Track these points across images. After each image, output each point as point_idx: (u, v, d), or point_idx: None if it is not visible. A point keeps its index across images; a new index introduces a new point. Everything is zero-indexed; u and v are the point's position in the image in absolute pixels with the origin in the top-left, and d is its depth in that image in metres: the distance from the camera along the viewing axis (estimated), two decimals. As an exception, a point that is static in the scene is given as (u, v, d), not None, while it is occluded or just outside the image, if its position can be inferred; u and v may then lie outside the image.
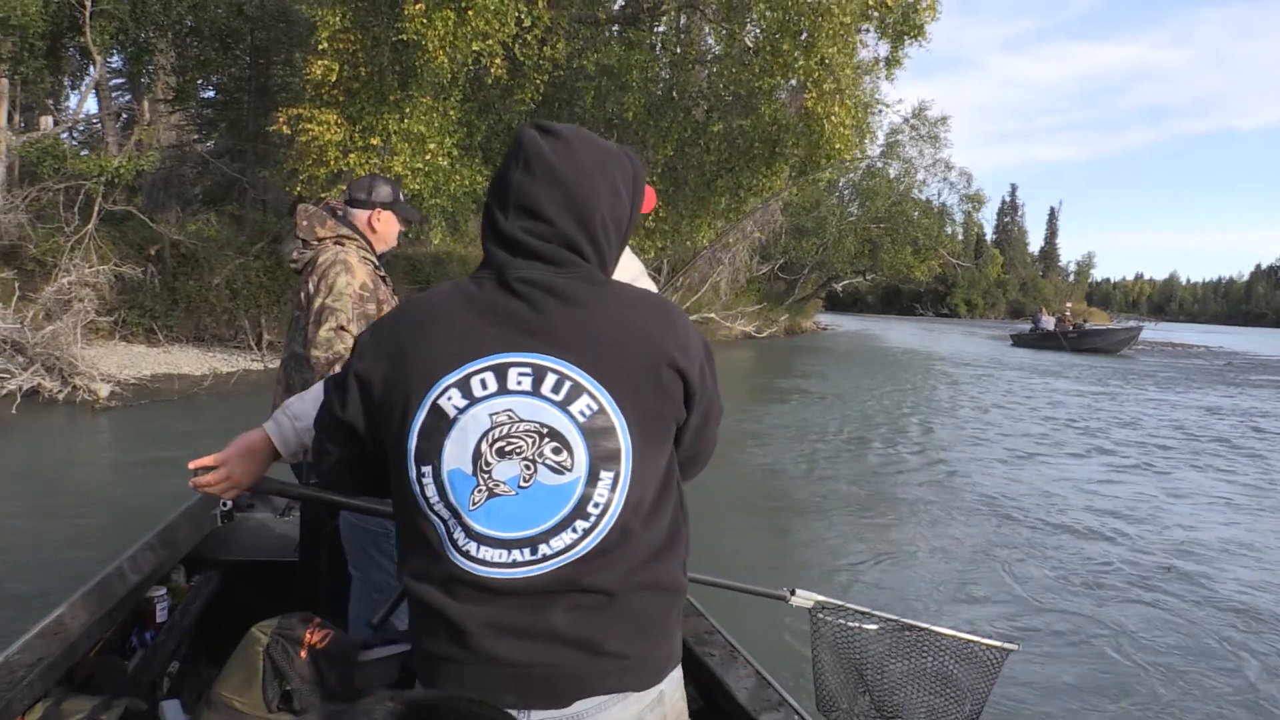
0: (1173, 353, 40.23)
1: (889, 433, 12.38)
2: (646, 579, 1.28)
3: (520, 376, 1.24)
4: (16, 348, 10.82)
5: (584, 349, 1.25)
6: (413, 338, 1.30)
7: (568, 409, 1.23)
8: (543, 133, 1.33)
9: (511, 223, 1.31)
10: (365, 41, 14.03)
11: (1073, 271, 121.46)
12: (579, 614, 1.25)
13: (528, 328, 1.26)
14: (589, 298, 1.28)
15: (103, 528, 6.05)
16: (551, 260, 1.30)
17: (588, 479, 1.24)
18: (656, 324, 1.30)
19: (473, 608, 1.25)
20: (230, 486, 1.70)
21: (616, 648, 1.26)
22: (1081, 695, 4.32)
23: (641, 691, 1.30)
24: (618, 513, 1.25)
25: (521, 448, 1.24)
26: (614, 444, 1.24)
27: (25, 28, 13.55)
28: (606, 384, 1.24)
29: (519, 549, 1.24)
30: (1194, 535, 7.39)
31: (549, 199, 1.30)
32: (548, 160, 1.30)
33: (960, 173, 43.62)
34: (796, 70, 13.92)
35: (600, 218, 1.33)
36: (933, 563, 6.31)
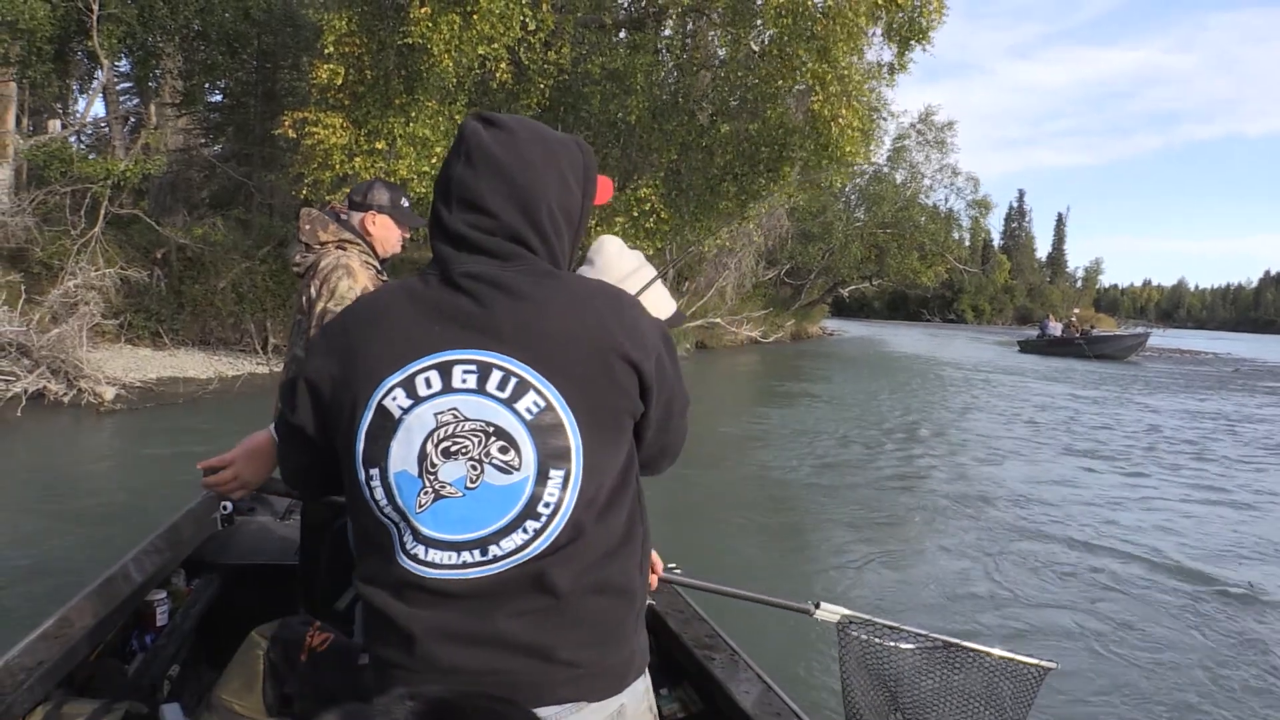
0: (1180, 359, 40.13)
1: (898, 439, 12.33)
2: (599, 579, 1.25)
3: (465, 374, 1.21)
4: (22, 350, 10.83)
5: (530, 344, 1.21)
6: (359, 337, 1.26)
7: (514, 406, 1.20)
8: (485, 124, 1.31)
9: (455, 217, 1.28)
10: (371, 45, 14.07)
11: (1080, 277, 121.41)
12: (529, 618, 1.21)
13: (472, 324, 1.22)
14: (535, 291, 1.24)
15: (105, 530, 6.04)
16: (496, 254, 1.26)
17: (537, 478, 1.20)
18: (606, 316, 1.25)
19: (421, 612, 1.22)
20: (238, 486, 1.74)
21: (569, 655, 1.22)
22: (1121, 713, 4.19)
23: (598, 702, 1.25)
24: (569, 512, 1.21)
25: (467, 448, 1.21)
26: (563, 441, 1.21)
27: (33, 31, 13.60)
28: (554, 380, 1.21)
29: (468, 550, 1.21)
30: (1219, 544, 7.31)
31: (491, 191, 1.27)
32: (489, 151, 1.28)
33: (967, 178, 43.61)
34: (805, 74, 13.91)
35: (547, 208, 1.29)
36: (951, 573, 6.21)
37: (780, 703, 1.98)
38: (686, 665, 2.26)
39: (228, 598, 2.81)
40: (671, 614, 2.45)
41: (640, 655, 1.33)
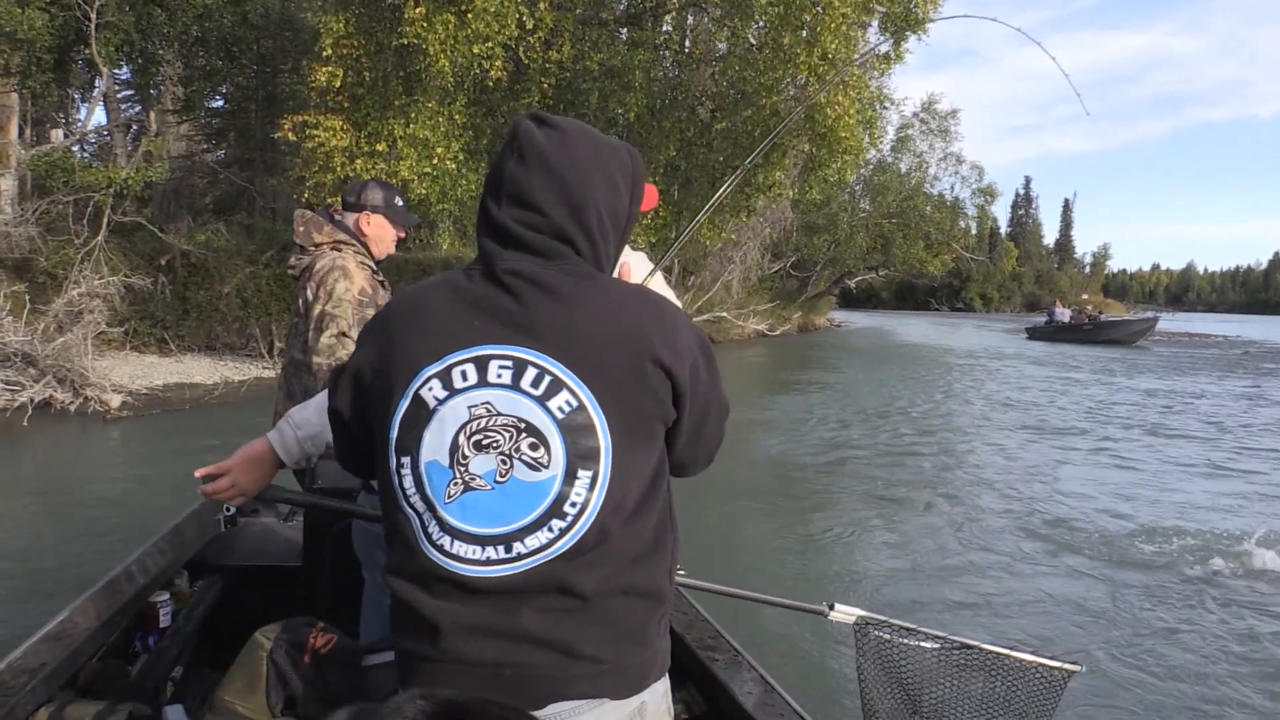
0: (1189, 343, 39.97)
1: (906, 429, 12.30)
2: (625, 584, 1.24)
3: (501, 369, 1.22)
4: (28, 360, 10.88)
5: (566, 344, 1.22)
6: (400, 328, 1.29)
7: (546, 404, 1.21)
8: (539, 123, 1.32)
9: (503, 212, 1.29)
10: (369, 47, 14.07)
11: (1088, 263, 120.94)
12: (553, 616, 1.22)
13: (511, 320, 1.23)
14: (575, 291, 1.24)
15: (111, 535, 6.09)
16: (541, 251, 1.27)
17: (565, 477, 1.21)
18: (643, 320, 1.25)
19: (446, 604, 1.24)
20: (236, 494, 1.75)
21: (592, 652, 1.23)
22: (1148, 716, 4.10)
23: (619, 700, 1.25)
24: (595, 513, 1.21)
25: (498, 442, 1.21)
26: (593, 442, 1.21)
27: (32, 41, 13.62)
28: (588, 380, 1.21)
29: (493, 546, 1.21)
30: (1236, 530, 7.21)
31: (542, 189, 1.28)
32: (541, 150, 1.29)
33: (972, 166, 43.49)
34: (800, 65, 13.86)
35: (596, 211, 1.30)
36: (966, 568, 6.12)
37: (783, 703, 1.97)
38: (689, 666, 2.24)
39: (231, 599, 2.81)
40: (674, 615, 2.43)
41: (663, 657, 1.33)
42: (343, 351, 2.98)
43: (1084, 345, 34.16)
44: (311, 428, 1.78)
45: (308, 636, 1.84)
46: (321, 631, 1.86)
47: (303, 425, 1.78)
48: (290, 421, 1.79)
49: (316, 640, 1.84)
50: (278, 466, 1.78)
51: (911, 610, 5.15)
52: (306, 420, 1.79)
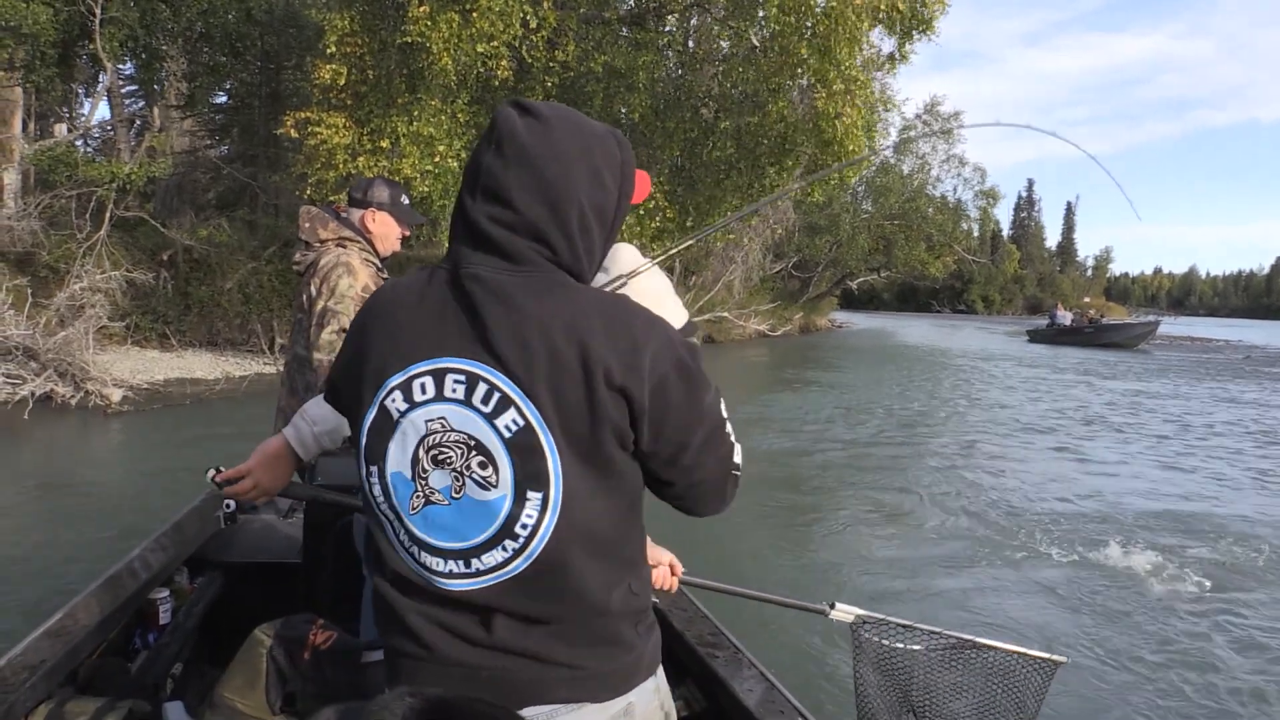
0: (1191, 347, 39.89)
1: (904, 430, 12.30)
2: (593, 604, 1.22)
3: (455, 384, 1.19)
4: (29, 354, 10.90)
5: (518, 359, 1.16)
6: (372, 330, 1.27)
7: (494, 422, 1.17)
8: (520, 111, 1.23)
9: (477, 207, 1.22)
10: (372, 45, 14.07)
11: (1091, 266, 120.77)
12: (521, 628, 1.21)
13: (468, 332, 1.19)
14: (535, 305, 1.18)
15: (109, 529, 6.08)
16: (511, 254, 1.20)
17: (514, 498, 1.18)
18: (602, 337, 1.16)
19: (421, 606, 1.24)
20: (259, 494, 1.73)
21: (567, 659, 1.22)
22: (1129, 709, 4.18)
23: (600, 704, 1.24)
24: (548, 535, 1.18)
25: (451, 458, 1.20)
26: (541, 464, 1.17)
27: (36, 36, 13.65)
28: (536, 400, 1.16)
29: (454, 560, 1.21)
30: (1224, 530, 7.28)
31: (518, 184, 1.20)
32: (520, 140, 1.20)
33: (974, 168, 43.43)
34: (807, 70, 13.84)
35: (578, 207, 1.22)
36: (960, 565, 6.20)
37: (783, 700, 1.98)
38: (689, 663, 2.25)
39: (231, 596, 2.81)
40: (674, 612, 2.44)
41: (649, 657, 1.31)
42: None
43: (1085, 348, 34.13)
44: (327, 423, 1.78)
45: (307, 633, 1.85)
46: (321, 629, 1.87)
47: (318, 420, 1.78)
48: (305, 417, 1.79)
49: (316, 637, 1.85)
50: (296, 463, 1.77)
51: (908, 607, 5.17)
52: (322, 416, 1.78)
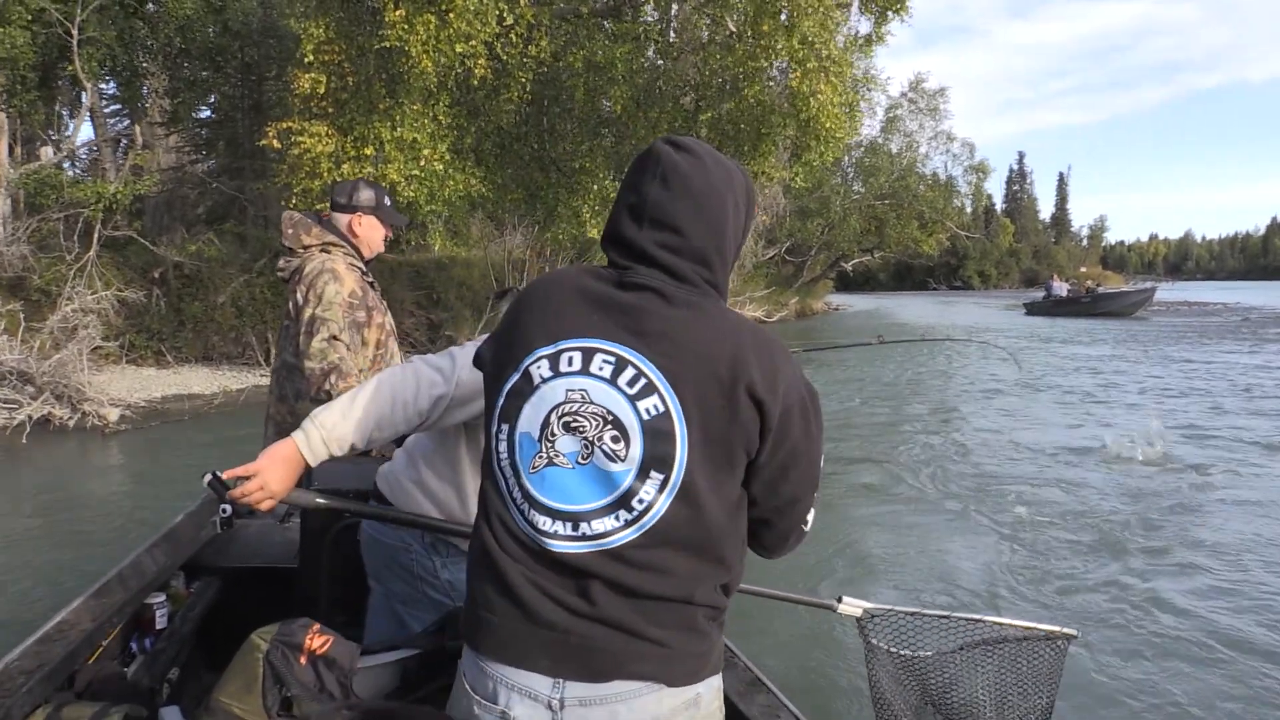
0: (1188, 312, 39.87)
1: (897, 409, 12.32)
2: (678, 591, 1.30)
3: (603, 363, 1.30)
4: (24, 378, 10.92)
5: (668, 353, 1.29)
6: (528, 308, 1.39)
7: (636, 404, 1.28)
8: (676, 148, 1.39)
9: (644, 234, 1.37)
10: (351, 51, 14.05)
11: (1086, 236, 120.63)
12: (615, 599, 1.29)
13: (624, 322, 1.32)
14: (692, 311, 1.32)
15: (109, 548, 6.10)
16: (676, 272, 1.35)
17: (638, 473, 1.28)
18: (749, 352, 1.30)
19: (520, 565, 1.32)
20: (265, 496, 1.76)
21: (656, 635, 1.29)
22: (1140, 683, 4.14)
23: (676, 688, 1.31)
24: (660, 514, 1.28)
25: (584, 427, 1.30)
26: (670, 449, 1.28)
27: (15, 60, 13.66)
28: (679, 390, 1.28)
29: (562, 521, 1.30)
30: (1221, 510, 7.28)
31: (685, 213, 1.36)
32: (685, 175, 1.36)
33: (963, 144, 43.34)
34: (780, 52, 13.84)
35: (731, 234, 1.40)
36: (962, 547, 6.17)
37: (779, 703, 1.98)
38: None
39: (227, 601, 2.80)
40: None
41: (718, 655, 1.39)
42: (334, 355, 2.99)
43: (1082, 318, 34.10)
44: (337, 428, 1.79)
45: (304, 638, 1.85)
46: (318, 633, 1.87)
47: (328, 425, 1.79)
48: (315, 422, 1.79)
49: (313, 641, 1.85)
50: (304, 468, 1.80)
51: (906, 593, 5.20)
52: (332, 420, 1.79)
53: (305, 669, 1.82)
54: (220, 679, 1.86)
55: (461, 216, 15.90)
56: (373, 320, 3.22)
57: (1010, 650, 2.15)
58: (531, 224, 18.51)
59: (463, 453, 2.07)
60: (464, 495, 2.07)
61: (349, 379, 2.97)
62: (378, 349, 3.25)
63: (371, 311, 3.23)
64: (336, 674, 1.83)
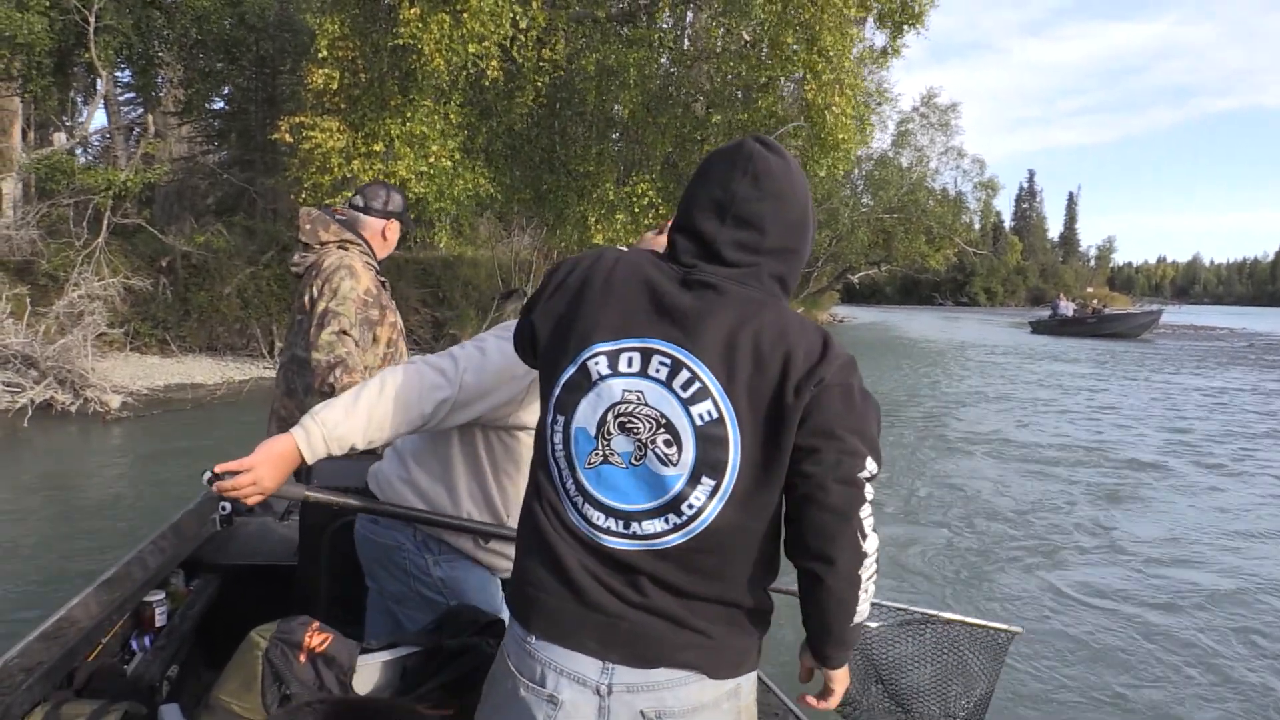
0: (1194, 336, 39.81)
1: (897, 422, 12.32)
2: (727, 592, 1.32)
3: (660, 365, 1.30)
4: (28, 362, 10.97)
5: (725, 359, 1.28)
6: (587, 297, 1.36)
7: (690, 409, 1.28)
8: (765, 147, 1.38)
9: (726, 232, 1.36)
10: (364, 48, 14.08)
11: (1093, 256, 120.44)
12: (666, 593, 1.30)
13: (685, 324, 1.30)
14: (754, 312, 1.31)
15: (106, 535, 6.14)
16: (748, 271, 1.35)
17: (689, 479, 1.28)
18: (802, 349, 1.28)
19: (572, 551, 1.33)
20: (256, 491, 1.74)
21: (702, 625, 1.31)
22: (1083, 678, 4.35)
23: (718, 680, 1.33)
24: (710, 520, 1.28)
25: (639, 429, 1.30)
26: (723, 455, 1.27)
27: (32, 45, 13.73)
28: (734, 399, 1.27)
29: (615, 519, 1.31)
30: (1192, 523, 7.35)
31: (772, 215, 1.35)
32: (776, 177, 1.36)
33: (973, 160, 43.27)
34: (797, 63, 13.87)
35: (809, 239, 1.41)
36: (937, 550, 6.33)
37: (778, 702, 2.00)
38: None
39: (226, 598, 2.80)
40: None
41: (756, 653, 1.39)
42: (342, 349, 3.01)
43: (1088, 339, 34.08)
44: (338, 427, 1.78)
45: (303, 636, 1.85)
46: (317, 631, 1.88)
47: (329, 423, 1.78)
48: (316, 419, 1.78)
49: (312, 639, 1.85)
50: (300, 464, 1.79)
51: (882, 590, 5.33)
52: (333, 419, 1.78)
53: (304, 667, 1.82)
54: (220, 677, 1.86)
55: (469, 215, 15.89)
56: (385, 319, 3.27)
57: (959, 640, 2.25)
58: (540, 226, 18.53)
59: (454, 451, 2.06)
60: (455, 494, 2.06)
61: (353, 374, 3.00)
62: (388, 347, 3.29)
63: (385, 310, 3.27)
64: (336, 672, 1.84)
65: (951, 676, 2.25)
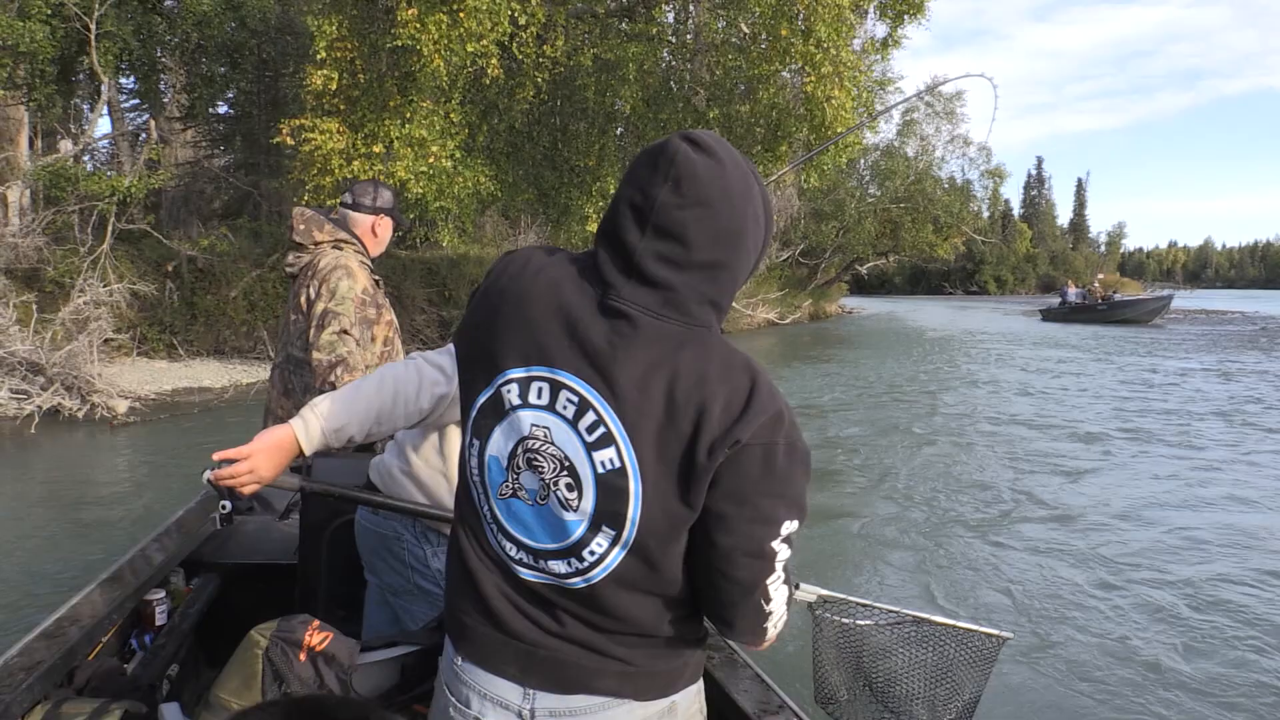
0: (1205, 320, 39.59)
1: (901, 412, 12.29)
2: (641, 629, 1.26)
3: (568, 402, 1.19)
4: (35, 369, 11.04)
5: (635, 404, 1.16)
6: (504, 313, 1.26)
7: (593, 454, 1.18)
8: (694, 146, 1.19)
9: (647, 244, 1.18)
10: (363, 49, 14.12)
11: (1104, 243, 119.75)
12: (579, 625, 1.25)
13: (595, 360, 1.18)
14: (670, 353, 1.17)
15: (112, 541, 6.16)
16: (669, 294, 1.19)
17: (590, 525, 1.20)
18: (720, 400, 1.14)
19: (491, 577, 1.29)
20: (253, 480, 1.73)
21: (622, 654, 1.26)
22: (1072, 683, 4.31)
23: (646, 701, 1.28)
24: (612, 568, 1.21)
25: (543, 469, 1.22)
26: (622, 507, 1.18)
27: (35, 54, 13.79)
28: (639, 448, 1.16)
29: (524, 552, 1.26)
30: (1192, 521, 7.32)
31: (696, 225, 1.17)
32: (700, 180, 1.17)
33: (979, 148, 43.11)
34: (795, 55, 13.83)
35: (748, 248, 1.23)
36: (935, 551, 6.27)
37: (779, 700, 1.99)
38: None
39: (227, 597, 2.81)
40: None
41: (695, 665, 1.34)
42: (343, 349, 3.02)
43: (1098, 325, 33.93)
44: (337, 419, 1.78)
45: (304, 634, 1.85)
46: (317, 629, 1.88)
47: (328, 415, 1.78)
48: (315, 410, 1.78)
49: (312, 638, 1.85)
50: (297, 455, 1.78)
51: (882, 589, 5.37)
52: (332, 411, 1.79)
53: (304, 665, 1.83)
54: (220, 675, 1.87)
55: (470, 214, 15.92)
56: (382, 317, 3.27)
57: (948, 644, 2.23)
58: (545, 222, 18.54)
59: (454, 444, 2.07)
60: (455, 485, 2.08)
61: (355, 373, 3.01)
62: (385, 345, 3.30)
63: (381, 309, 3.28)
64: (336, 670, 1.84)
65: (940, 680, 2.23)
